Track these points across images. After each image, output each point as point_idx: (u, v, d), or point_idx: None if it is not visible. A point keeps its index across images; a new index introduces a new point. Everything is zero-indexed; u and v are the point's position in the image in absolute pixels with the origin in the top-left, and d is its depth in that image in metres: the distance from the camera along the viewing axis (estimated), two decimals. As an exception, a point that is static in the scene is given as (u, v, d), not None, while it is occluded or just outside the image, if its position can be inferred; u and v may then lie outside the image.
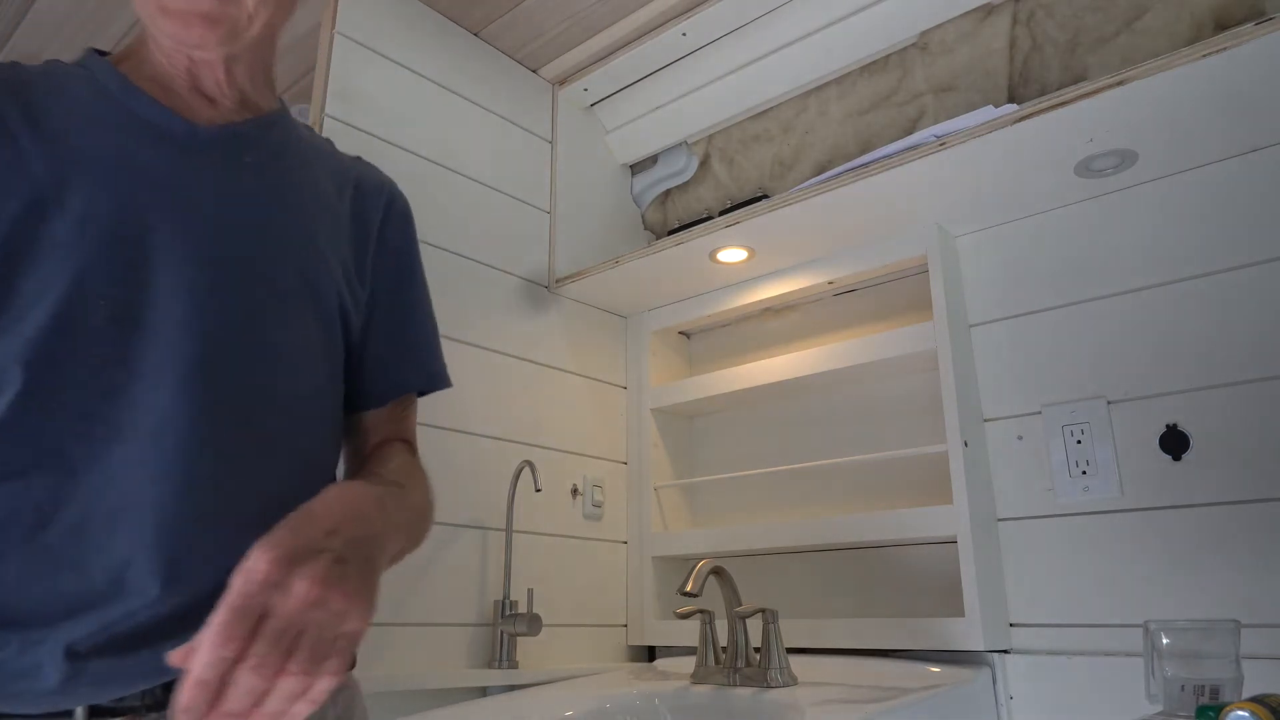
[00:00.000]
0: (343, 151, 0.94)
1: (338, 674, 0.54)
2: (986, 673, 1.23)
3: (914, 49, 1.54)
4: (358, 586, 0.58)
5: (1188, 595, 1.16)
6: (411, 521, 0.76)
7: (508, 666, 1.37)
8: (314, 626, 0.54)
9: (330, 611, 0.55)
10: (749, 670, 1.25)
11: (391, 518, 0.68)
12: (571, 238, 1.75)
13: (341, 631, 0.55)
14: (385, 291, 0.88)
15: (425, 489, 0.83)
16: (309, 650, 0.53)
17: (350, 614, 0.56)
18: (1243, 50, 1.00)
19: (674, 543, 1.65)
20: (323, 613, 0.54)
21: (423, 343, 0.92)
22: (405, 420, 0.90)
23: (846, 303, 1.65)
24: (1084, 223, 1.34)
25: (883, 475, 1.52)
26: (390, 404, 0.88)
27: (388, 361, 0.87)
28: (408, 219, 0.95)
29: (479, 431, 1.49)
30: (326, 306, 0.79)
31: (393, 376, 0.88)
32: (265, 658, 0.51)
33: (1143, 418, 1.24)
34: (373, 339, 0.87)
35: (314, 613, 0.54)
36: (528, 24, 1.65)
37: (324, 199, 0.84)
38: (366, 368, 0.86)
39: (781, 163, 1.74)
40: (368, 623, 0.58)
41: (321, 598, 0.54)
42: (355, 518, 0.62)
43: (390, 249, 0.90)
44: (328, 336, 0.80)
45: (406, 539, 0.75)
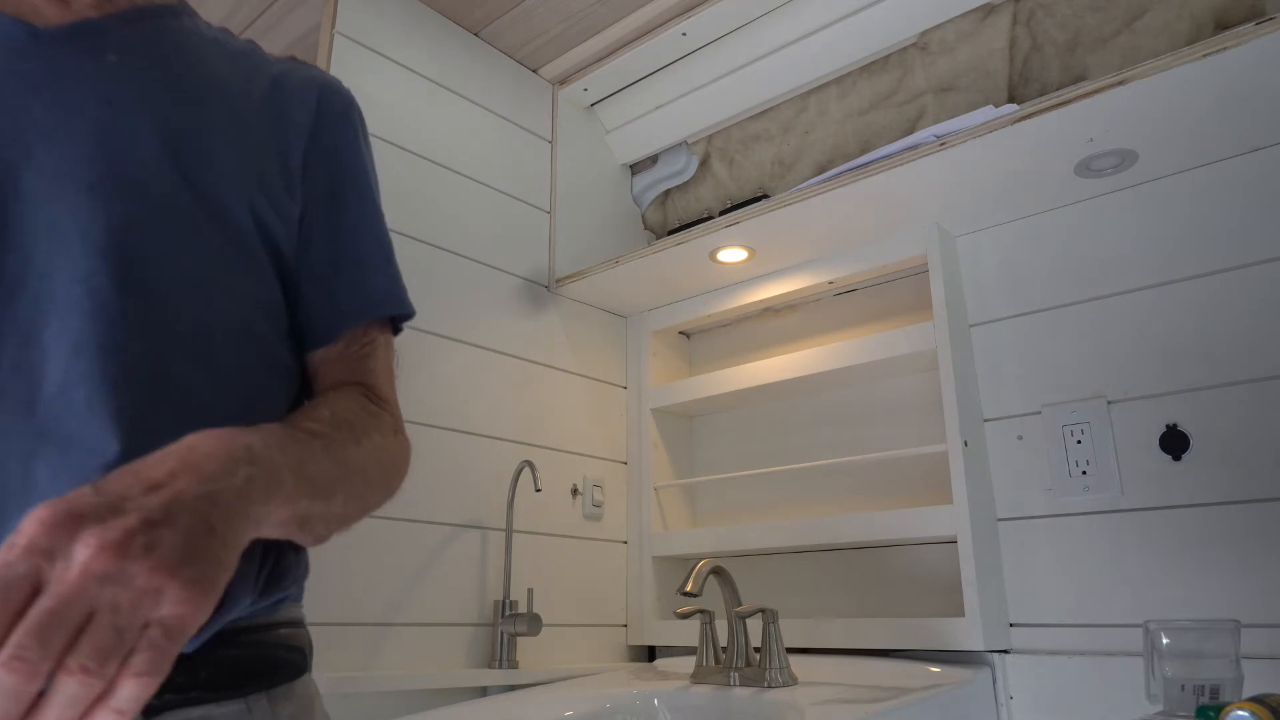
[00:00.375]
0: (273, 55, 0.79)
1: (149, 674, 0.41)
2: (986, 673, 1.23)
3: (914, 49, 1.54)
4: (179, 557, 0.43)
5: (1188, 595, 1.16)
6: (341, 477, 0.60)
7: (508, 666, 1.37)
8: (106, 610, 0.40)
9: (132, 589, 0.41)
10: (749, 670, 1.25)
11: (281, 471, 0.52)
12: (571, 238, 1.75)
13: (152, 617, 0.41)
14: (321, 202, 0.73)
15: (378, 439, 0.67)
16: (97, 641, 0.40)
17: (164, 593, 0.42)
18: (1243, 50, 1.00)
19: (674, 543, 1.65)
20: (119, 591, 0.41)
21: (370, 261, 0.76)
22: (363, 361, 0.74)
23: (846, 303, 1.65)
24: (1084, 223, 1.34)
25: (883, 475, 1.52)
26: (341, 339, 0.72)
27: (329, 286, 0.72)
28: (346, 118, 0.79)
29: (479, 431, 1.49)
30: (235, 222, 0.65)
31: (337, 303, 0.73)
32: (26, 650, 0.38)
33: (1143, 418, 1.24)
34: (310, 261, 0.72)
35: (104, 590, 0.40)
36: (528, 24, 1.65)
37: (227, 100, 0.68)
38: (306, 296, 0.71)
39: (781, 163, 1.74)
40: (199, 606, 0.43)
41: (114, 570, 0.41)
42: (194, 469, 0.47)
43: (324, 154, 0.75)
44: (247, 260, 0.66)
45: (325, 500, 0.57)
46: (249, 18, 1.65)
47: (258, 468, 0.51)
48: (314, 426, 0.61)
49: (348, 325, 0.73)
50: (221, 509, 0.47)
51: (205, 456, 0.48)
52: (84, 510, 0.42)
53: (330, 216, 0.74)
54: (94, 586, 0.40)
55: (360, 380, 0.73)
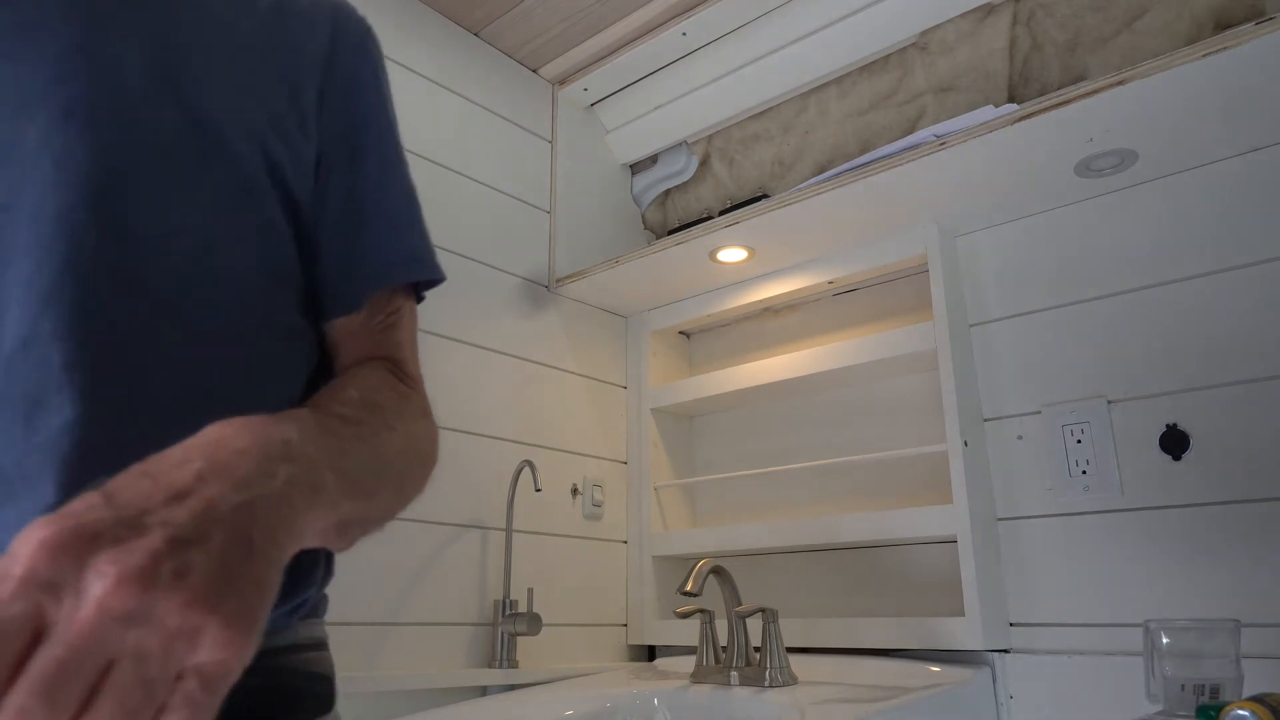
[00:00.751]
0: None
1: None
2: (986, 672, 1.23)
3: (914, 49, 1.54)
4: (216, 587, 0.33)
5: (1188, 595, 1.16)
6: (380, 471, 0.51)
7: (508, 666, 1.37)
8: (130, 658, 0.31)
9: (162, 631, 0.32)
10: (749, 670, 1.25)
11: (322, 470, 0.43)
12: (571, 238, 1.75)
13: (187, 665, 0.32)
14: (339, 146, 0.64)
15: (411, 425, 0.58)
16: (120, 699, 0.30)
17: (202, 634, 0.32)
18: (1243, 50, 1.00)
19: (674, 542, 1.65)
20: (146, 633, 0.31)
21: (397, 216, 0.66)
22: (389, 333, 0.64)
23: (846, 303, 1.65)
24: (1084, 223, 1.34)
25: (883, 475, 1.52)
26: (365, 307, 0.62)
27: (351, 244, 0.63)
28: (364, 49, 0.70)
29: (479, 431, 1.49)
30: (242, 162, 0.56)
31: (360, 264, 0.62)
32: (31, 714, 0.29)
33: (1143, 418, 1.24)
34: (328, 215, 0.62)
35: (127, 633, 0.31)
36: (528, 24, 1.65)
37: (224, 24, 0.59)
38: (324, 256, 0.62)
39: (781, 163, 1.74)
40: (242, 648, 0.33)
41: (139, 607, 0.31)
42: (226, 471, 0.38)
43: (342, 88, 0.65)
44: (255, 207, 0.57)
45: (367, 500, 0.48)
46: (249, 17, 1.65)
47: (298, 467, 0.41)
48: (345, 412, 0.51)
49: (372, 290, 0.63)
50: (262, 521, 0.37)
51: (237, 454, 0.39)
52: (95, 528, 0.32)
53: (351, 163, 0.64)
54: (114, 629, 0.31)
55: (386, 354, 0.64)
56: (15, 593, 0.30)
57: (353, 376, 0.59)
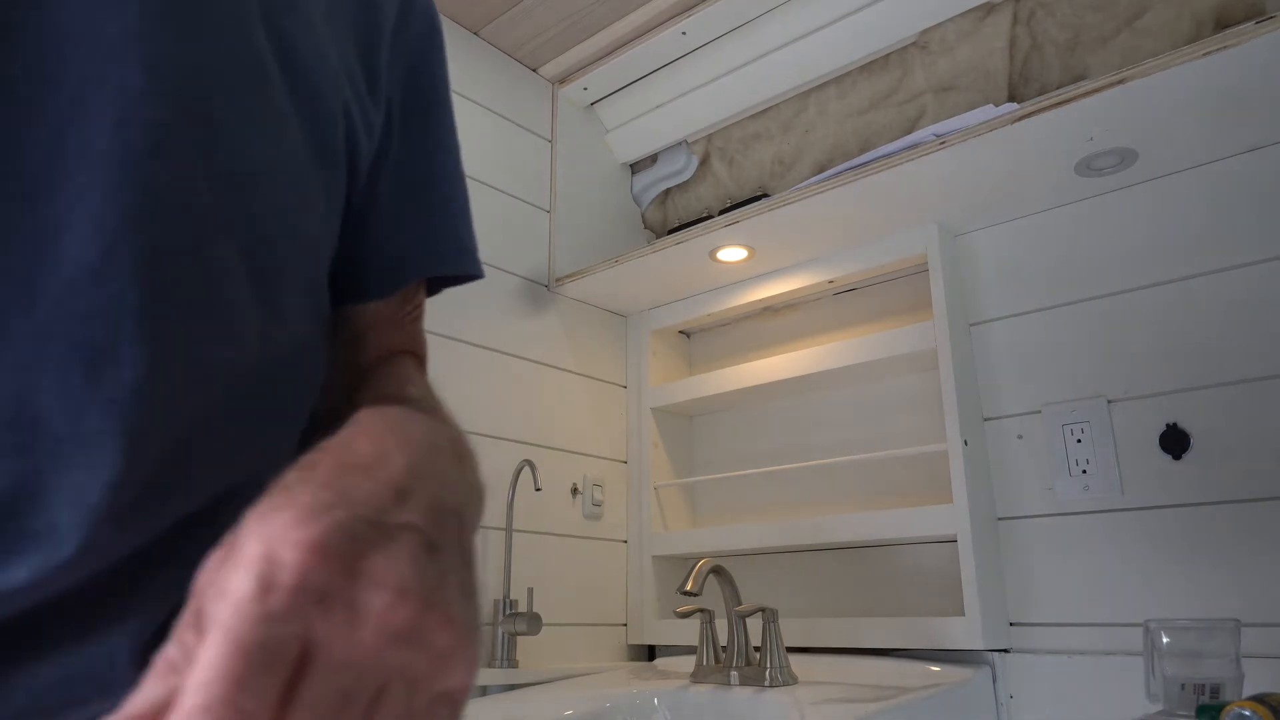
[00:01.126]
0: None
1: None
2: (986, 672, 1.23)
3: (914, 48, 1.54)
4: (464, 604, 0.31)
5: (1188, 595, 1.16)
6: (474, 489, 0.43)
7: (508, 666, 1.37)
8: (400, 684, 0.29)
9: (430, 652, 0.29)
10: (749, 670, 1.25)
11: (468, 476, 0.40)
12: (571, 237, 1.75)
13: (439, 690, 0.30)
14: (401, 118, 0.58)
15: (462, 434, 0.50)
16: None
17: (457, 655, 0.30)
18: (1243, 50, 1.00)
19: (674, 542, 1.65)
20: (416, 655, 0.29)
21: (456, 203, 0.62)
22: (416, 325, 0.60)
23: (847, 302, 1.65)
24: (1084, 222, 1.34)
25: (883, 475, 1.52)
26: (398, 295, 0.57)
27: (404, 226, 0.57)
28: (434, 26, 0.65)
29: (479, 431, 1.49)
30: (324, 108, 0.48)
31: (410, 248, 0.57)
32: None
33: (1143, 417, 1.24)
34: (383, 189, 0.56)
35: (401, 653, 0.28)
36: (527, 23, 1.65)
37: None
38: (372, 232, 0.56)
39: (781, 162, 1.74)
40: (476, 670, 0.31)
41: (417, 626, 0.29)
42: (432, 473, 0.35)
43: (410, 56, 0.60)
44: (329, 160, 0.49)
45: (477, 514, 0.42)
46: (249, 17, 1.65)
47: (463, 474, 0.39)
48: (440, 416, 0.48)
49: (414, 276, 0.58)
50: (469, 527, 0.35)
51: (428, 451, 0.36)
52: (354, 530, 0.29)
53: (414, 138, 0.58)
54: (392, 650, 0.28)
55: (415, 350, 0.59)
56: (289, 607, 0.26)
57: (402, 375, 0.54)
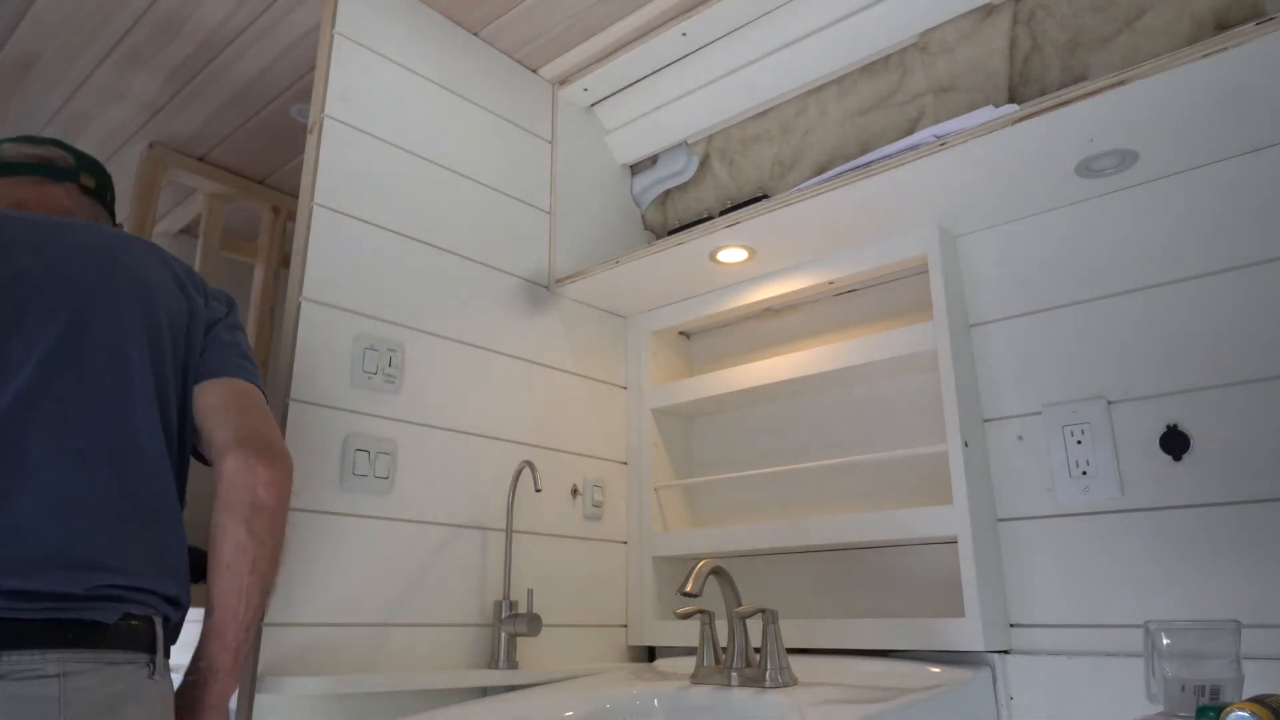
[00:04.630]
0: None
1: None
2: (986, 673, 1.23)
3: (914, 49, 1.54)
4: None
5: (1188, 595, 1.16)
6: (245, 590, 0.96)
7: (508, 666, 1.37)
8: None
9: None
10: (749, 670, 1.25)
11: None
12: (571, 238, 1.75)
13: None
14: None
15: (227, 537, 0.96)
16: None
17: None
18: (1243, 50, 1.00)
19: (674, 543, 1.65)
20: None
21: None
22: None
23: (847, 303, 1.65)
24: (1084, 223, 1.34)
25: (883, 475, 1.51)
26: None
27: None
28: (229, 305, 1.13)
29: (479, 431, 1.49)
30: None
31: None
32: None
33: (1143, 418, 1.24)
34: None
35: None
36: (528, 24, 1.65)
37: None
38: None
39: (781, 163, 1.74)
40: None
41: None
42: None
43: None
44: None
45: (249, 608, 0.94)
46: (249, 18, 1.65)
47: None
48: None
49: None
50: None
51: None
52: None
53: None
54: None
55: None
56: None
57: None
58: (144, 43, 1.72)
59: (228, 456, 0.95)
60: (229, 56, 1.76)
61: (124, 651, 0.85)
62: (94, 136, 2.02)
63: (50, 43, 1.73)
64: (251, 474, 0.95)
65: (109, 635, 0.84)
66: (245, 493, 0.94)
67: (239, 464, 0.95)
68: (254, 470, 0.95)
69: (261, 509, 0.94)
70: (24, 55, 1.76)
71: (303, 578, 1.21)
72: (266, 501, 0.95)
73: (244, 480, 0.95)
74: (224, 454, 0.96)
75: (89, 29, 1.69)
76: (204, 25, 1.67)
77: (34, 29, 1.69)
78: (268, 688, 1.12)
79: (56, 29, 1.69)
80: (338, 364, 1.32)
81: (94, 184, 1.18)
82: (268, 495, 0.95)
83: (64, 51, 1.75)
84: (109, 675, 0.83)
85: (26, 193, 1.11)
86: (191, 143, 2.06)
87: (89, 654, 0.82)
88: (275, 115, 1.95)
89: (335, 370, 1.31)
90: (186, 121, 1.98)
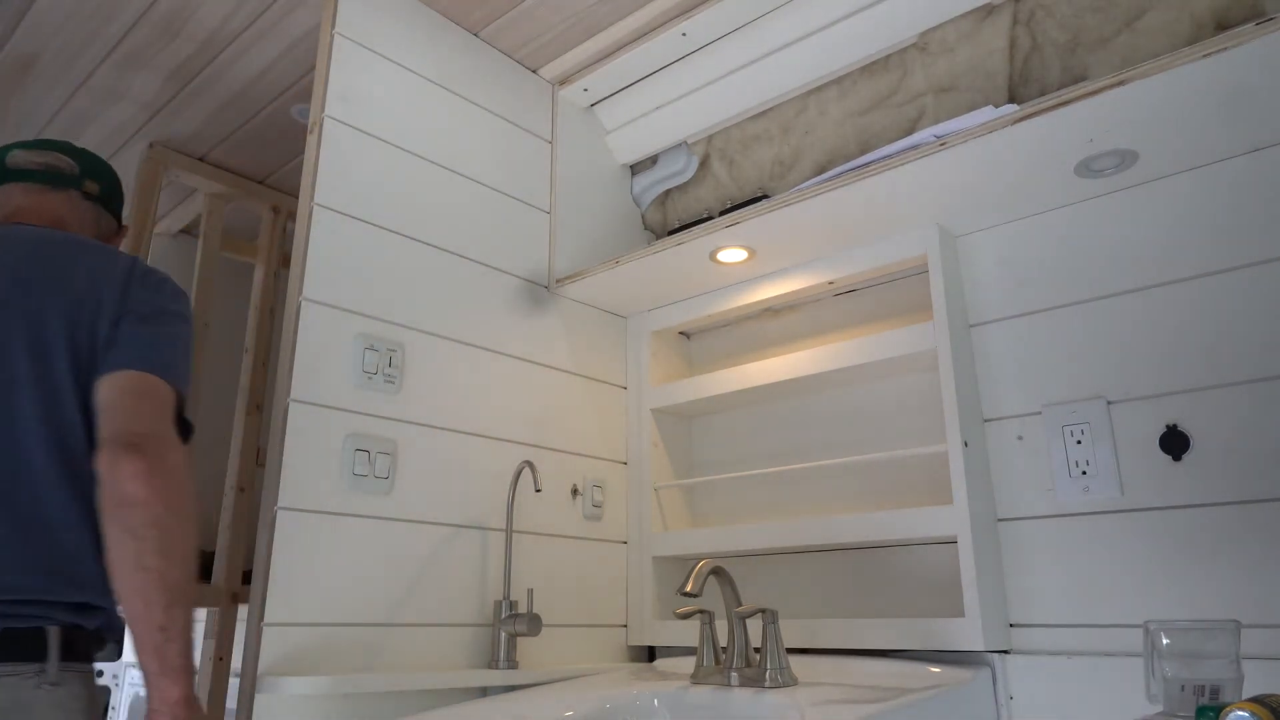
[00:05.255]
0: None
1: None
2: (986, 673, 1.23)
3: (914, 49, 1.54)
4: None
5: (1188, 595, 1.16)
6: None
7: (508, 666, 1.37)
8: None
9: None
10: (749, 670, 1.25)
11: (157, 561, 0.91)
12: (571, 238, 1.75)
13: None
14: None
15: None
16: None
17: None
18: (1243, 50, 1.00)
19: (674, 543, 1.65)
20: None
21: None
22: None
23: (847, 303, 1.65)
24: (1084, 223, 1.34)
25: (883, 475, 1.52)
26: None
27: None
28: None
29: (479, 431, 1.49)
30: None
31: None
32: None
33: (1143, 418, 1.24)
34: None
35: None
36: (528, 24, 1.65)
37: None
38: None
39: (781, 163, 1.74)
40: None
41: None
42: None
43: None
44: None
45: (153, 606, 0.91)
46: (249, 18, 1.65)
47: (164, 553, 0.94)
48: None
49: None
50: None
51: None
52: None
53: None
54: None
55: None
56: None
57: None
58: (144, 43, 1.72)
59: (97, 458, 0.93)
60: (229, 57, 1.76)
61: (2, 664, 0.87)
62: (94, 137, 2.02)
63: (50, 43, 1.73)
64: (115, 469, 0.91)
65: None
66: (111, 490, 0.91)
67: (104, 464, 0.92)
68: (118, 465, 0.91)
69: (132, 504, 0.90)
70: (24, 55, 1.76)
71: (303, 577, 1.21)
72: (134, 494, 0.90)
73: (109, 478, 0.91)
74: (96, 456, 0.93)
75: (89, 29, 1.69)
76: (204, 25, 1.67)
77: (34, 29, 1.69)
78: (268, 688, 1.12)
79: (56, 29, 1.69)
80: (338, 364, 1.32)
81: (97, 190, 1.19)
82: (135, 488, 0.90)
83: (64, 52, 1.75)
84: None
85: (23, 200, 1.13)
86: (191, 143, 2.06)
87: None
88: (275, 115, 1.95)
89: (335, 370, 1.31)
90: (186, 121, 1.98)
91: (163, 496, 0.91)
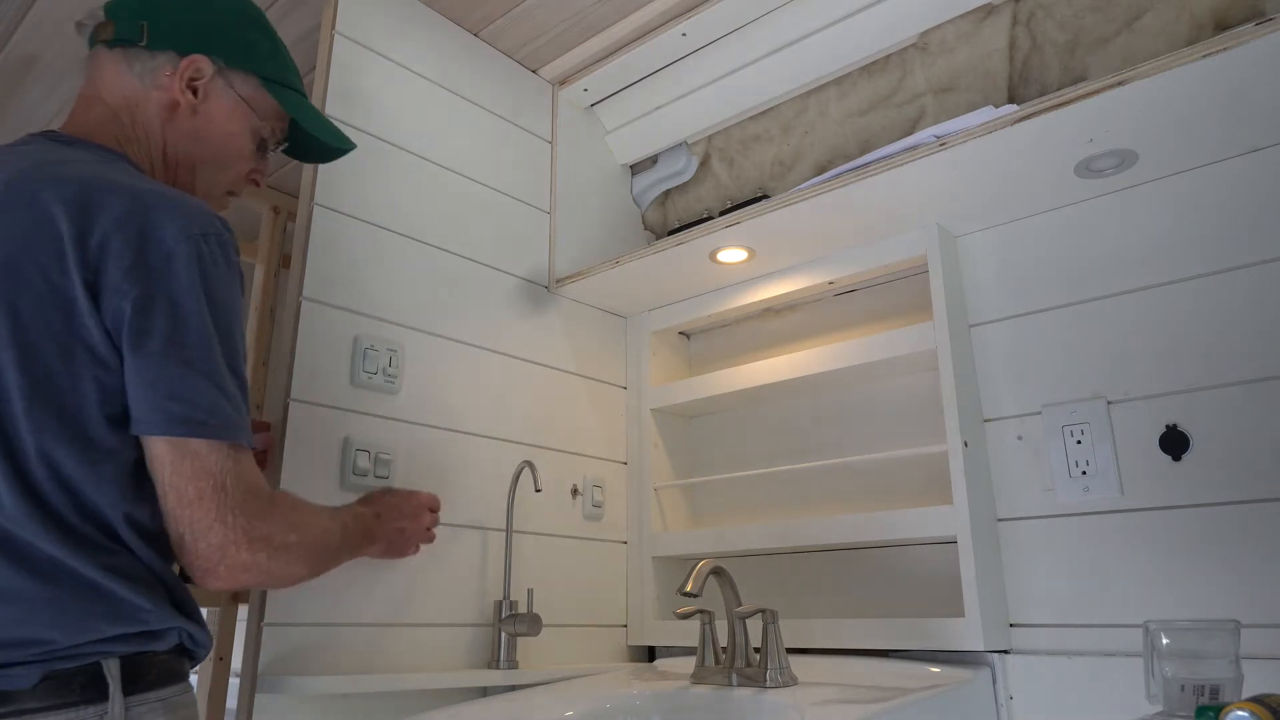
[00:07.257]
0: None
1: None
2: (986, 673, 1.23)
3: (914, 49, 1.54)
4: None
5: (1188, 595, 1.16)
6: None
7: (508, 666, 1.37)
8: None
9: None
10: (749, 670, 1.25)
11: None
12: (571, 238, 1.75)
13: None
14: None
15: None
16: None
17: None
18: (1243, 50, 1.00)
19: (674, 543, 1.65)
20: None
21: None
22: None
23: (847, 303, 1.65)
24: (1084, 223, 1.34)
25: (883, 475, 1.52)
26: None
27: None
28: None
29: (479, 431, 1.49)
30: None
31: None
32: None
33: (1143, 418, 1.24)
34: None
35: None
36: (528, 24, 1.65)
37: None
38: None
39: (781, 163, 1.74)
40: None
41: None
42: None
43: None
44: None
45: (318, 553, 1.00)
46: (249, 18, 1.65)
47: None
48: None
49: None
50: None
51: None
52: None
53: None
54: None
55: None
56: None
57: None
58: (144, 43, 1.72)
59: (206, 579, 0.84)
60: (229, 56, 1.75)
61: (54, 713, 0.75)
62: (94, 136, 2.02)
63: (50, 43, 1.73)
64: (239, 577, 0.84)
65: (27, 697, 0.75)
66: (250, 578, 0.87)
67: (223, 580, 0.84)
68: (239, 577, 0.84)
69: (264, 571, 0.86)
70: (24, 56, 1.76)
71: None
72: (269, 585, 1.05)
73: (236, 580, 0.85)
74: (200, 574, 0.84)
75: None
76: (204, 25, 1.67)
77: (34, 29, 1.69)
78: (268, 688, 1.12)
79: (56, 29, 1.69)
80: (337, 364, 1.32)
81: (111, 32, 0.92)
82: (267, 583, 0.99)
83: (64, 52, 1.75)
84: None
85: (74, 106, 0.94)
86: (191, 143, 2.06)
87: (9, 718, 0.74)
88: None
89: (335, 370, 1.31)
90: (186, 121, 1.98)
91: (286, 566, 0.89)
